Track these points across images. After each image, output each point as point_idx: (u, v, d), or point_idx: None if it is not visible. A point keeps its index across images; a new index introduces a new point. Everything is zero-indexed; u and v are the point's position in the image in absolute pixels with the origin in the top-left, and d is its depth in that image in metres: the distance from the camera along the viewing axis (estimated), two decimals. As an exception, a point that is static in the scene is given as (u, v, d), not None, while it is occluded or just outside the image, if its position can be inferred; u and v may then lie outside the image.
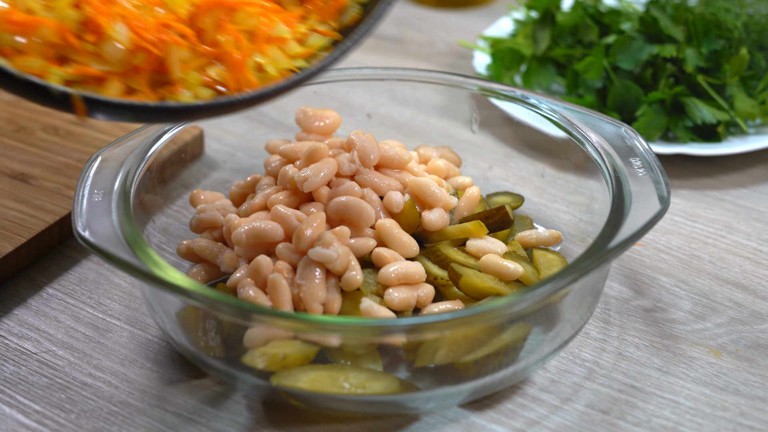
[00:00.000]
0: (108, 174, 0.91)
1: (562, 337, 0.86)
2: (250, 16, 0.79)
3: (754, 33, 1.23)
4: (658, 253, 1.04)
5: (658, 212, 0.85)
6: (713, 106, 1.18)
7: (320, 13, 0.82)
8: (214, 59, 0.77)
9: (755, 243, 1.06)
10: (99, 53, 0.73)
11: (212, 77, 0.76)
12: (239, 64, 0.77)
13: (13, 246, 0.99)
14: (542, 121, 1.02)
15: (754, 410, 0.86)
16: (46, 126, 1.19)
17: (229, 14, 0.78)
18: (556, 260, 0.95)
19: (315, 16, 0.83)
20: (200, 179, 1.15)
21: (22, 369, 0.90)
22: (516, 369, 0.84)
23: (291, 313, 0.80)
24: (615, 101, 1.21)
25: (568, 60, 1.29)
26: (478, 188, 0.99)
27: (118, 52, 0.73)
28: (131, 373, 0.89)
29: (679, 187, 1.15)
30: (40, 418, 0.85)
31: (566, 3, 1.40)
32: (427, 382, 0.83)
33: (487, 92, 1.06)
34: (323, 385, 0.81)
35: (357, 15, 0.84)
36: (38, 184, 1.09)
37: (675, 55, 1.19)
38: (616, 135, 0.96)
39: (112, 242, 0.83)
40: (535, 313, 0.85)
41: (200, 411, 0.85)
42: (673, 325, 0.95)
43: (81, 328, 0.94)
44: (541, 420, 0.85)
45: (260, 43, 0.78)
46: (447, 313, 0.80)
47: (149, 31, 0.74)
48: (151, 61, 0.74)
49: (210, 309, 0.81)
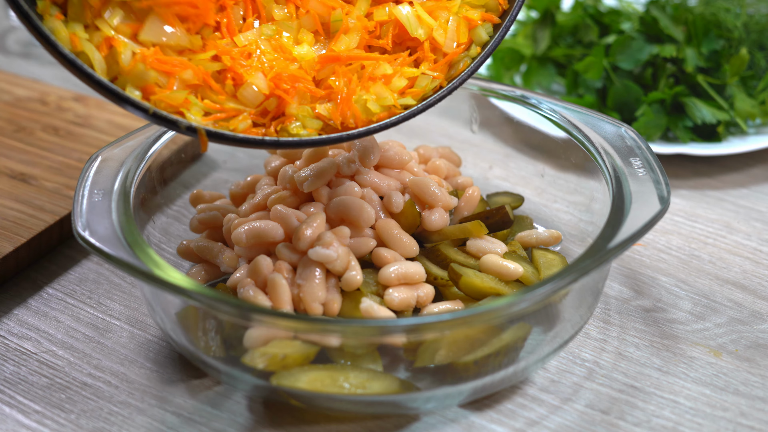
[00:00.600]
0: (108, 174, 0.91)
1: (562, 337, 0.86)
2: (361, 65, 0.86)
3: (754, 33, 1.23)
4: (658, 253, 1.04)
5: (658, 212, 0.85)
6: (713, 106, 1.18)
7: (432, 67, 0.87)
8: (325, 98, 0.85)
9: (755, 243, 1.06)
10: (235, 95, 0.82)
11: (321, 114, 0.84)
12: (346, 100, 0.84)
13: (13, 246, 0.99)
14: (542, 121, 1.02)
15: (754, 410, 0.86)
16: (46, 126, 1.19)
17: (343, 63, 0.86)
18: (556, 260, 0.95)
19: (426, 65, 0.88)
20: (200, 179, 1.15)
21: (22, 369, 0.90)
22: (516, 369, 0.84)
23: (291, 313, 0.80)
24: (615, 101, 1.21)
25: (568, 60, 1.29)
26: (478, 188, 0.99)
27: (255, 97, 0.82)
28: (131, 373, 0.89)
29: (679, 187, 1.15)
30: (40, 418, 0.85)
31: (566, 3, 1.40)
32: (427, 382, 0.83)
33: (487, 92, 1.06)
34: (323, 385, 0.81)
35: (464, 66, 0.88)
36: (38, 184, 1.09)
37: (675, 55, 1.19)
38: (616, 135, 0.96)
39: (112, 242, 0.83)
40: (535, 313, 0.85)
41: (200, 411, 0.85)
42: (673, 325, 0.95)
43: (81, 328, 0.94)
44: (541, 420, 0.85)
45: (365, 81, 0.85)
46: (447, 313, 0.80)
47: (284, 81, 0.82)
48: (280, 105, 0.83)
49: (210, 309, 0.81)
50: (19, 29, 1.51)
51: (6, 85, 1.28)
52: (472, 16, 0.88)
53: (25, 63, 1.43)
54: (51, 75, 1.39)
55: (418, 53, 0.87)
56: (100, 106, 1.24)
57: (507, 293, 0.89)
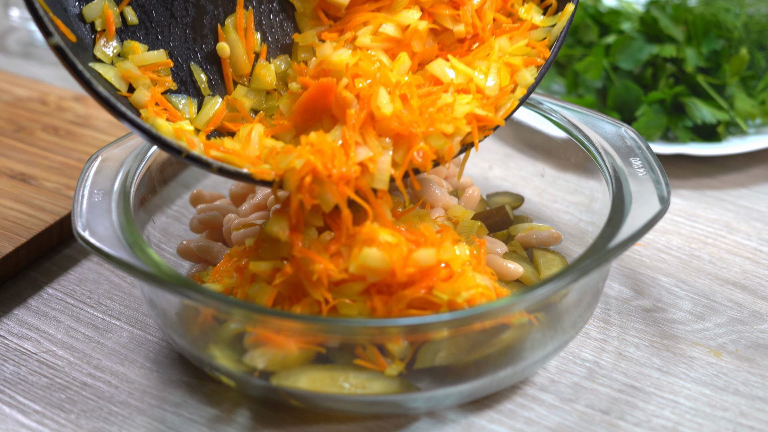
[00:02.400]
0: (108, 174, 0.91)
1: (562, 337, 0.86)
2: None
3: (754, 33, 1.23)
4: (658, 253, 1.04)
5: (658, 212, 0.85)
6: (713, 106, 1.18)
7: (481, 105, 0.89)
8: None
9: (755, 243, 1.06)
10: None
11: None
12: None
13: (13, 246, 0.99)
14: (542, 121, 1.02)
15: (754, 410, 0.86)
16: (46, 126, 1.19)
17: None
18: (556, 260, 0.95)
19: (476, 103, 0.88)
20: (200, 179, 1.15)
21: (22, 369, 0.90)
22: (516, 369, 0.84)
23: (291, 314, 0.80)
24: (615, 101, 1.21)
25: (568, 60, 1.29)
26: (478, 188, 0.99)
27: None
28: (131, 373, 0.89)
29: (679, 187, 1.15)
30: (40, 418, 0.85)
31: (566, 3, 1.40)
32: (427, 382, 0.83)
33: (487, 92, 1.06)
34: (323, 385, 0.81)
35: (512, 106, 0.89)
36: (38, 184, 1.09)
37: (675, 55, 1.19)
38: (616, 135, 0.96)
39: (112, 242, 0.83)
40: (535, 312, 0.85)
41: (200, 411, 0.85)
42: (673, 325, 0.95)
43: (81, 328, 0.94)
44: (541, 420, 0.85)
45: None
46: (447, 313, 0.80)
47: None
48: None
49: (210, 309, 0.81)
50: (19, 29, 1.51)
51: (6, 85, 1.28)
52: (513, 62, 0.90)
53: (25, 63, 1.43)
54: (51, 75, 1.39)
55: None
56: (99, 106, 1.24)
57: (507, 293, 0.89)
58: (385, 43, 0.90)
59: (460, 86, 0.88)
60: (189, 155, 0.81)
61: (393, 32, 0.90)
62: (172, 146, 0.81)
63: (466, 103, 0.86)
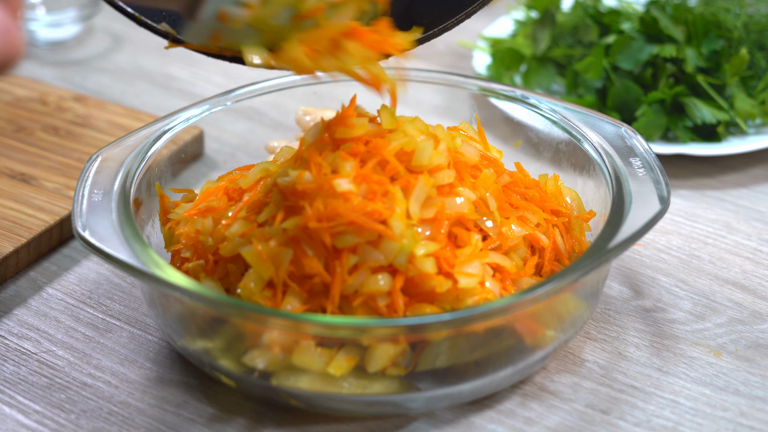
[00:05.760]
0: (108, 174, 0.91)
1: (562, 337, 0.86)
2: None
3: (754, 33, 1.23)
4: (658, 253, 1.04)
5: (658, 212, 0.85)
6: (713, 106, 1.18)
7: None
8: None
9: (755, 243, 1.06)
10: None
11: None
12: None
13: (13, 246, 0.99)
14: (542, 121, 1.02)
15: (754, 410, 0.86)
16: (46, 126, 1.19)
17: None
18: (556, 260, 0.95)
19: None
20: (200, 179, 1.15)
21: (22, 369, 0.90)
22: (516, 369, 0.84)
23: (291, 314, 0.80)
24: (615, 101, 1.21)
25: (568, 60, 1.29)
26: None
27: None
28: (131, 373, 0.89)
29: (679, 187, 1.15)
30: (40, 418, 0.85)
31: (566, 3, 1.40)
32: (427, 382, 0.83)
33: (487, 92, 1.06)
34: (323, 385, 0.81)
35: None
36: (38, 184, 1.09)
37: (675, 55, 1.19)
38: (616, 135, 0.96)
39: (112, 242, 0.83)
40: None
41: (200, 411, 0.85)
42: (673, 325, 0.95)
43: (81, 328, 0.94)
44: (541, 420, 0.85)
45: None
46: (447, 313, 0.80)
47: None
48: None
49: (210, 309, 0.81)
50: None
51: (6, 85, 1.28)
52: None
53: (25, 63, 1.43)
54: (51, 75, 1.39)
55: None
56: (100, 106, 1.24)
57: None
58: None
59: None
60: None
61: None
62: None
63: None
